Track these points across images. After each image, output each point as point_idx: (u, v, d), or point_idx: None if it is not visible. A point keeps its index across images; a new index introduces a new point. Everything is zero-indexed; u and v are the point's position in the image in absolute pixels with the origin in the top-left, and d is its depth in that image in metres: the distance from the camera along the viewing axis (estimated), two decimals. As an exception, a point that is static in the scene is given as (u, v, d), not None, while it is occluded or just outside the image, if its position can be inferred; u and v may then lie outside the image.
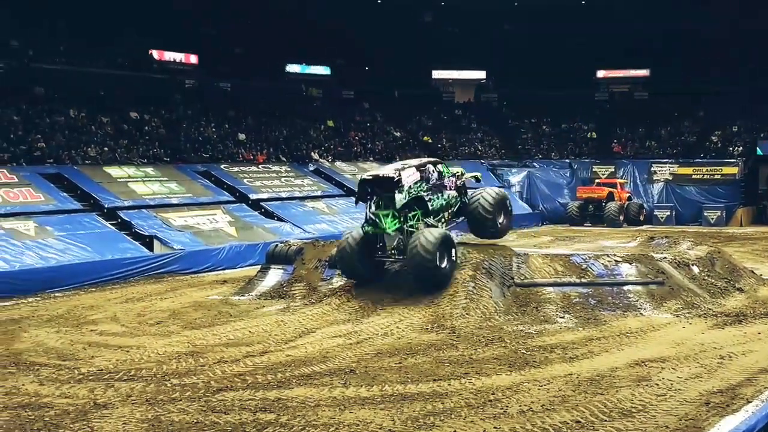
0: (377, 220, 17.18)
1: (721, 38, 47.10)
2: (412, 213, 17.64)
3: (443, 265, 16.62)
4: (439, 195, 18.48)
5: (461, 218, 19.65)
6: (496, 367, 12.23)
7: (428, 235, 16.63)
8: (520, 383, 11.36)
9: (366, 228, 17.33)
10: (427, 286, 16.75)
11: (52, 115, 31.90)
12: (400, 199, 17.08)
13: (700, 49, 47.87)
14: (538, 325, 15.27)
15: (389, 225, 17.14)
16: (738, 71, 46.87)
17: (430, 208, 18.08)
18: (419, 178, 17.76)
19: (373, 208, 17.37)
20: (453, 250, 17.08)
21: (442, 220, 18.61)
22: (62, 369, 12.44)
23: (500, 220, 19.41)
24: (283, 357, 13.06)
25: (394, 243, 17.39)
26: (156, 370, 12.26)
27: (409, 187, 17.41)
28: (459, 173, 19.75)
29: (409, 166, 17.92)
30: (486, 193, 19.43)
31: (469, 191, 20.07)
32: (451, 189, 19.00)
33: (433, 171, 18.32)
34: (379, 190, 17.38)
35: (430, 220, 18.03)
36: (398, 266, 17.82)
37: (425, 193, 17.95)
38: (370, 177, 17.59)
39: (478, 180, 21.56)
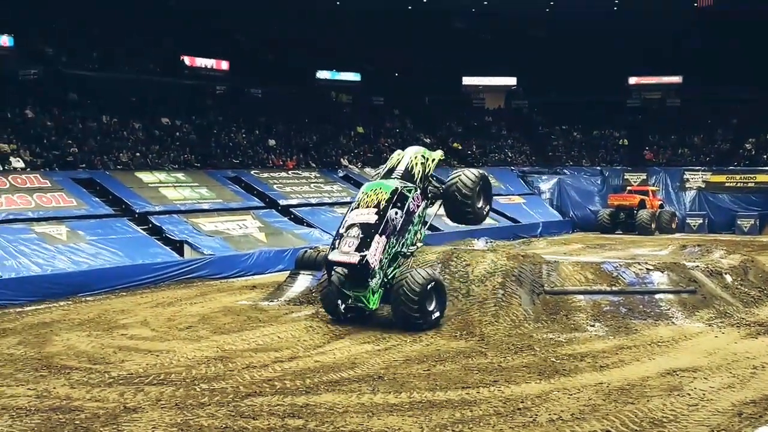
0: (361, 299, 15.74)
1: (750, 45, 46.61)
2: (391, 267, 16.18)
3: (431, 309, 15.52)
4: (410, 226, 16.61)
5: (437, 206, 17.76)
6: (525, 375, 12.14)
7: (411, 282, 15.28)
8: (550, 392, 11.26)
9: (350, 305, 15.79)
10: (410, 330, 15.30)
11: (85, 120, 32.24)
12: (375, 282, 15.73)
13: (733, 56, 47.39)
14: (568, 333, 15.15)
15: (372, 303, 15.84)
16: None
17: (404, 250, 16.55)
18: (386, 240, 15.89)
19: (346, 284, 15.70)
20: (441, 293, 15.83)
21: (420, 235, 17.09)
22: (93, 373, 12.53)
23: (479, 204, 17.45)
24: (311, 363, 13.06)
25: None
26: (185, 375, 12.31)
27: (380, 261, 15.77)
28: (432, 165, 17.63)
29: (373, 230, 15.79)
30: (464, 176, 17.32)
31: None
32: (418, 205, 16.85)
33: (397, 214, 16.12)
34: (349, 274, 15.68)
35: (409, 250, 16.71)
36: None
37: (396, 245, 16.23)
38: (336, 261, 15.81)
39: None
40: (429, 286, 15.45)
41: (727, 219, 40.38)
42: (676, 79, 51.66)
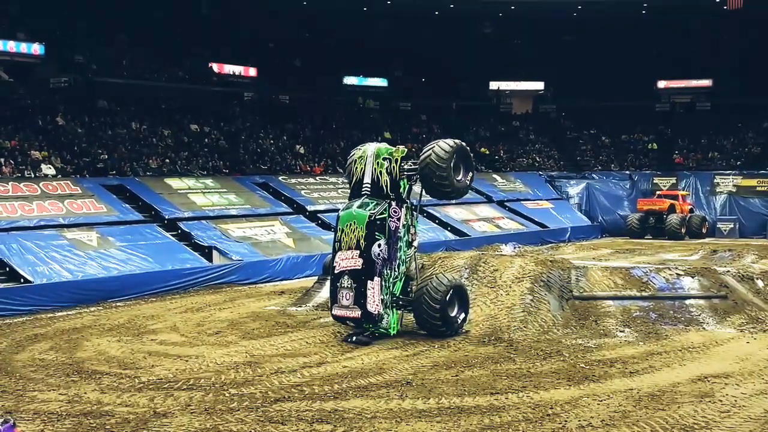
0: (381, 333, 15.44)
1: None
2: (398, 281, 15.75)
3: (454, 314, 15.41)
4: (399, 242, 15.77)
5: (416, 181, 16.35)
6: (554, 381, 12.08)
7: (432, 291, 15.14)
8: (579, 398, 11.19)
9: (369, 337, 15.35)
10: (435, 336, 15.26)
11: (115, 127, 32.54)
12: (386, 320, 15.42)
13: (764, 58, 46.91)
14: (597, 339, 15.06)
15: (393, 329, 15.58)
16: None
17: (404, 255, 15.90)
18: (380, 278, 15.29)
19: (364, 329, 15.50)
20: (465, 297, 15.79)
21: (413, 228, 16.27)
22: (123, 378, 12.63)
23: (459, 177, 16.26)
24: (339, 368, 13.08)
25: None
26: (214, 380, 12.37)
27: (382, 300, 15.29)
28: (396, 164, 16.22)
29: (363, 276, 15.23)
30: (438, 146, 16.18)
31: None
32: (398, 216, 15.75)
33: (381, 246, 15.31)
34: (358, 325, 15.49)
35: (409, 253, 16.04)
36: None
37: (394, 269, 15.64)
38: (341, 316, 15.57)
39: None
40: (450, 293, 15.27)
41: (758, 223, 39.90)
42: (706, 82, 51.26)
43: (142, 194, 27.95)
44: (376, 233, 15.40)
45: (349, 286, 15.35)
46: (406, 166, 16.22)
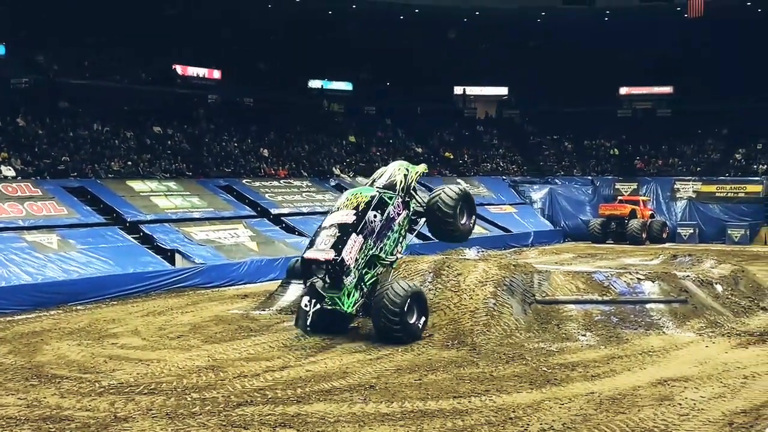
0: (335, 301, 15.36)
1: (740, 56, 46.89)
2: (370, 274, 15.92)
3: (412, 322, 15.25)
4: (389, 232, 16.30)
5: (422, 222, 17.60)
6: (516, 385, 12.15)
7: (392, 293, 15.00)
8: (541, 401, 11.27)
9: (326, 306, 15.36)
10: (393, 343, 15.05)
11: (76, 129, 32.21)
12: (349, 281, 15.36)
13: (723, 66, 47.66)
14: (559, 343, 15.17)
15: (348, 305, 15.45)
16: (762, 88, 46.53)
17: (384, 255, 16.19)
18: (363, 240, 15.60)
19: (323, 285, 15.40)
20: (424, 305, 15.69)
21: (400, 246, 16.74)
22: (83, 382, 12.49)
23: (462, 221, 17.14)
24: (302, 372, 13.04)
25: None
26: (176, 384, 12.28)
27: (356, 260, 15.44)
28: (413, 177, 17.21)
29: (350, 229, 15.58)
30: (444, 193, 16.97)
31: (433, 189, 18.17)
32: (399, 212, 16.61)
33: (376, 217, 15.89)
34: (324, 271, 15.41)
35: (388, 259, 16.35)
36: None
37: (374, 248, 15.89)
38: (311, 258, 15.56)
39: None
40: (409, 299, 15.12)
41: (717, 229, 40.51)
42: (667, 89, 51.97)
43: (103, 196, 27.68)
44: (378, 207, 16.05)
45: (332, 234, 15.62)
46: (413, 202, 17.08)
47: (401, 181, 16.84)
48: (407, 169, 17.21)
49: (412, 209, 17.11)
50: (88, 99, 34.69)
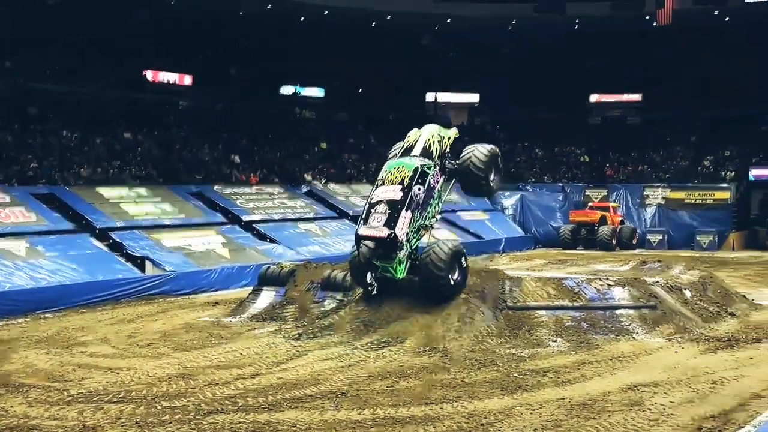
0: (389, 270, 16.67)
1: (708, 64, 47.50)
2: (413, 239, 17.13)
3: (455, 278, 16.83)
4: (431, 201, 17.54)
5: (452, 182, 18.76)
6: (488, 391, 12.18)
7: (437, 253, 16.61)
8: (513, 407, 11.31)
9: (379, 275, 16.69)
10: (438, 300, 16.78)
11: (45, 135, 31.91)
12: (403, 253, 16.67)
13: (691, 74, 48.22)
14: (530, 349, 15.22)
15: (399, 272, 16.76)
16: (730, 96, 47.13)
17: (427, 222, 17.56)
18: (411, 215, 16.76)
19: (376, 258, 16.58)
20: (464, 260, 17.23)
21: (438, 207, 18.08)
22: (51, 391, 12.36)
23: (492, 177, 18.50)
24: (274, 380, 12.99)
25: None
26: (146, 392, 12.18)
27: (407, 234, 16.68)
28: (447, 142, 18.30)
29: (400, 206, 16.60)
30: (477, 151, 18.31)
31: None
32: (437, 181, 17.72)
33: (420, 190, 16.99)
34: (378, 247, 16.50)
35: (431, 222, 17.76)
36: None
37: (420, 219, 17.15)
38: (366, 235, 16.60)
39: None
40: (452, 257, 16.67)
41: (686, 235, 40.86)
42: (636, 96, 52.42)
43: (72, 203, 27.42)
44: (420, 179, 17.06)
45: (383, 211, 16.65)
46: (447, 165, 18.08)
47: (437, 149, 17.85)
48: (441, 136, 18.20)
49: (447, 171, 18.10)
50: (57, 105, 34.39)
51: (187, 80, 43.86)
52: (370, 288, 16.76)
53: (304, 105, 48.30)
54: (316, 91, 50.58)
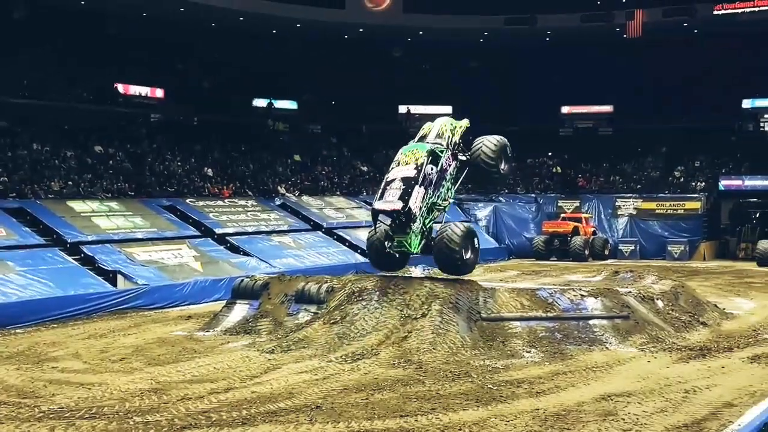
0: (403, 243, 18.33)
1: (678, 75, 48.06)
2: (429, 218, 18.76)
3: (467, 256, 18.32)
4: (443, 182, 18.95)
5: (464, 172, 19.89)
6: (463, 403, 12.18)
7: (452, 231, 18.10)
8: (487, 418, 11.31)
9: (394, 249, 18.44)
10: (453, 274, 18.47)
11: (15, 148, 31.60)
12: (416, 226, 18.24)
13: (662, 85, 48.75)
14: (504, 360, 15.25)
15: (414, 246, 18.40)
16: (699, 107, 47.67)
17: (440, 202, 18.95)
18: (424, 191, 18.24)
19: (392, 230, 18.33)
20: (476, 240, 18.79)
21: (451, 192, 19.49)
22: (22, 407, 12.19)
23: (502, 167, 19.98)
24: (248, 393, 12.91)
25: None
26: (118, 408, 12.06)
27: (420, 209, 18.14)
28: (459, 132, 19.92)
29: (413, 182, 18.12)
30: (487, 142, 19.75)
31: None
32: (449, 164, 19.20)
33: (432, 170, 18.48)
34: (393, 219, 18.19)
35: (443, 204, 19.11)
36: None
37: (432, 197, 18.61)
38: (381, 209, 18.27)
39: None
40: (465, 235, 18.22)
41: (657, 245, 41.17)
42: (608, 108, 52.80)
43: (43, 217, 27.13)
44: (432, 160, 18.50)
45: (398, 187, 18.10)
46: (460, 156, 19.49)
47: (449, 137, 19.41)
48: (453, 126, 19.71)
49: (458, 160, 19.46)
50: (27, 118, 34.06)
51: (159, 93, 43.67)
52: (386, 259, 18.76)
53: (277, 117, 48.14)
54: (288, 104, 50.55)
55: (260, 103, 48.79)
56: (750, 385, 13.26)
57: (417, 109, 54.76)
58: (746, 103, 49.15)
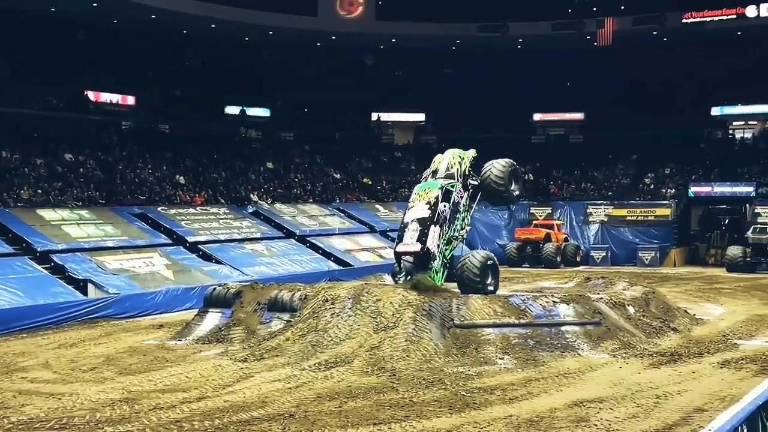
0: (431, 275, 18.91)
1: (648, 83, 48.55)
2: (447, 250, 19.68)
3: (488, 282, 19.28)
4: (457, 215, 20.03)
5: (478, 196, 20.93)
6: (436, 410, 12.18)
7: (472, 261, 19.11)
8: (461, 425, 11.32)
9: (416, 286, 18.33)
10: None
11: (-16, 156, 31.29)
12: (437, 264, 19.14)
13: (632, 93, 49.21)
14: (477, 367, 15.27)
15: (438, 280, 19.13)
16: (669, 115, 48.20)
17: (456, 234, 19.98)
18: (440, 229, 19.20)
19: (415, 270, 19.00)
20: (495, 266, 19.87)
21: (466, 220, 20.60)
22: (-10, 418, 12.04)
23: (512, 188, 21.03)
24: (220, 403, 12.83)
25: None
26: (89, 418, 11.93)
27: (438, 245, 19.05)
28: (467, 162, 20.92)
29: (428, 222, 19.07)
30: (495, 166, 20.78)
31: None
32: (461, 197, 20.20)
33: (445, 207, 19.50)
34: (414, 261, 19.06)
35: (460, 234, 20.19)
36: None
37: (449, 232, 19.60)
38: (402, 251, 19.25)
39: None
40: (485, 265, 19.24)
41: (628, 252, 41.48)
42: (579, 115, 53.31)
43: (12, 226, 26.82)
44: (445, 197, 19.56)
45: (415, 229, 19.17)
46: (469, 180, 20.64)
47: (458, 170, 20.56)
48: (461, 157, 20.91)
49: (470, 187, 20.58)
50: (-3, 125, 33.75)
51: (130, 100, 43.49)
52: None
53: (249, 125, 48.05)
54: (261, 111, 50.49)
55: (232, 110, 48.68)
56: (720, 390, 13.38)
57: (391, 117, 54.99)
58: (715, 111, 49.86)
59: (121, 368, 15.82)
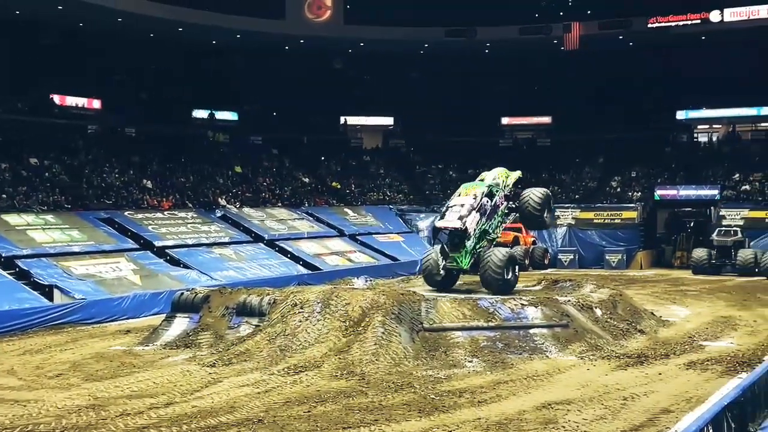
0: (456, 260, 20.77)
1: (614, 87, 49.03)
2: (479, 244, 21.03)
3: (509, 277, 20.36)
4: (495, 216, 21.70)
5: (511, 216, 22.87)
6: (405, 413, 12.19)
7: (496, 256, 20.24)
8: (430, 429, 11.34)
9: (447, 265, 20.88)
10: (496, 293, 19.91)
11: (-53, 161, 30.86)
12: (470, 244, 20.67)
13: (597, 97, 49.64)
14: (447, 370, 15.31)
15: (465, 263, 20.75)
16: (635, 118, 48.66)
17: (490, 232, 21.52)
18: (479, 217, 20.92)
19: (448, 248, 20.97)
20: (516, 266, 21.02)
21: (500, 228, 22.23)
22: (-46, 426, 11.87)
23: (545, 215, 22.51)
24: (188, 408, 12.74)
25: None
26: (55, 425, 11.80)
27: (474, 230, 20.71)
28: (512, 180, 23.00)
29: (471, 209, 20.88)
30: (532, 194, 22.26)
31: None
32: (501, 203, 22.03)
33: (487, 202, 21.35)
34: (451, 235, 21.05)
35: (492, 235, 21.68)
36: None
37: (485, 224, 21.21)
38: (442, 226, 21.18)
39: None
40: (507, 260, 20.31)
41: (596, 254, 41.76)
42: (546, 119, 53.67)
43: (-24, 231, 26.52)
44: (488, 195, 21.52)
45: (457, 210, 21.04)
46: (510, 204, 22.45)
47: (503, 181, 22.66)
48: (506, 174, 23.00)
49: (508, 203, 22.36)
50: (-40, 130, 33.32)
51: (96, 104, 43.11)
52: (439, 278, 21.13)
53: (217, 128, 47.83)
54: (229, 115, 50.27)
55: (200, 114, 48.44)
56: (686, 391, 13.52)
57: (359, 120, 55.06)
58: (680, 115, 50.42)
59: (87, 374, 15.66)
